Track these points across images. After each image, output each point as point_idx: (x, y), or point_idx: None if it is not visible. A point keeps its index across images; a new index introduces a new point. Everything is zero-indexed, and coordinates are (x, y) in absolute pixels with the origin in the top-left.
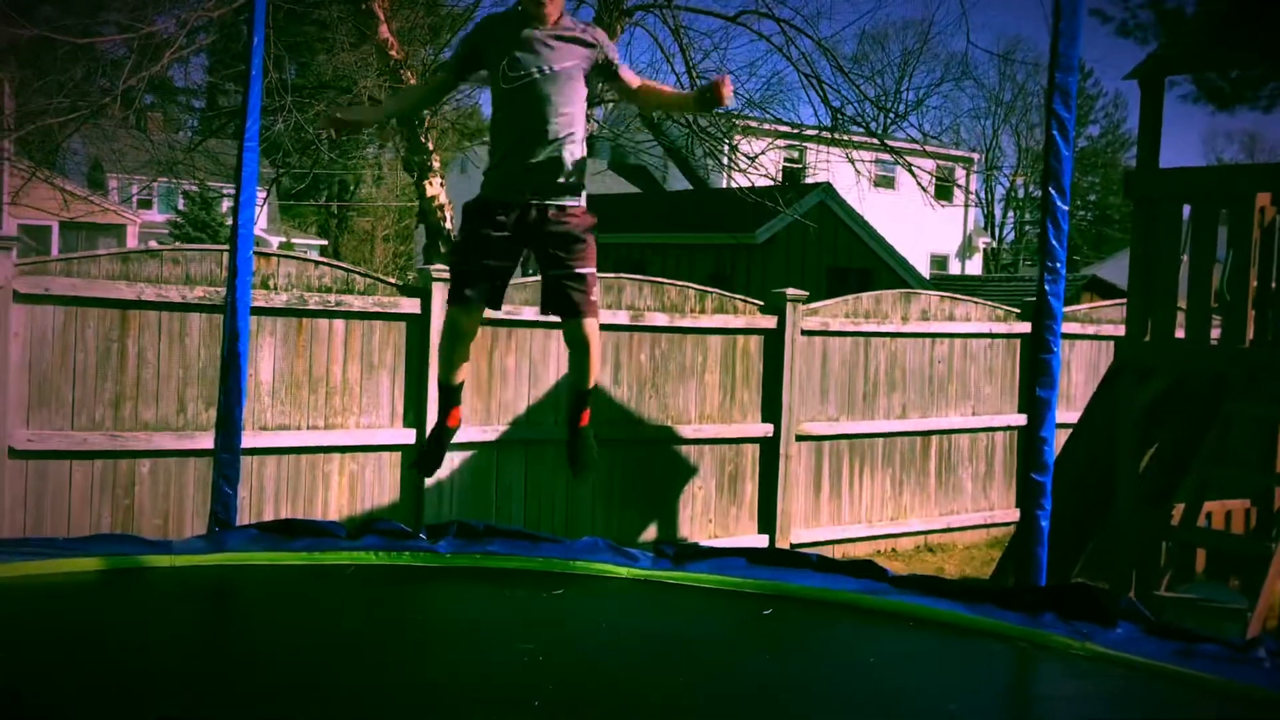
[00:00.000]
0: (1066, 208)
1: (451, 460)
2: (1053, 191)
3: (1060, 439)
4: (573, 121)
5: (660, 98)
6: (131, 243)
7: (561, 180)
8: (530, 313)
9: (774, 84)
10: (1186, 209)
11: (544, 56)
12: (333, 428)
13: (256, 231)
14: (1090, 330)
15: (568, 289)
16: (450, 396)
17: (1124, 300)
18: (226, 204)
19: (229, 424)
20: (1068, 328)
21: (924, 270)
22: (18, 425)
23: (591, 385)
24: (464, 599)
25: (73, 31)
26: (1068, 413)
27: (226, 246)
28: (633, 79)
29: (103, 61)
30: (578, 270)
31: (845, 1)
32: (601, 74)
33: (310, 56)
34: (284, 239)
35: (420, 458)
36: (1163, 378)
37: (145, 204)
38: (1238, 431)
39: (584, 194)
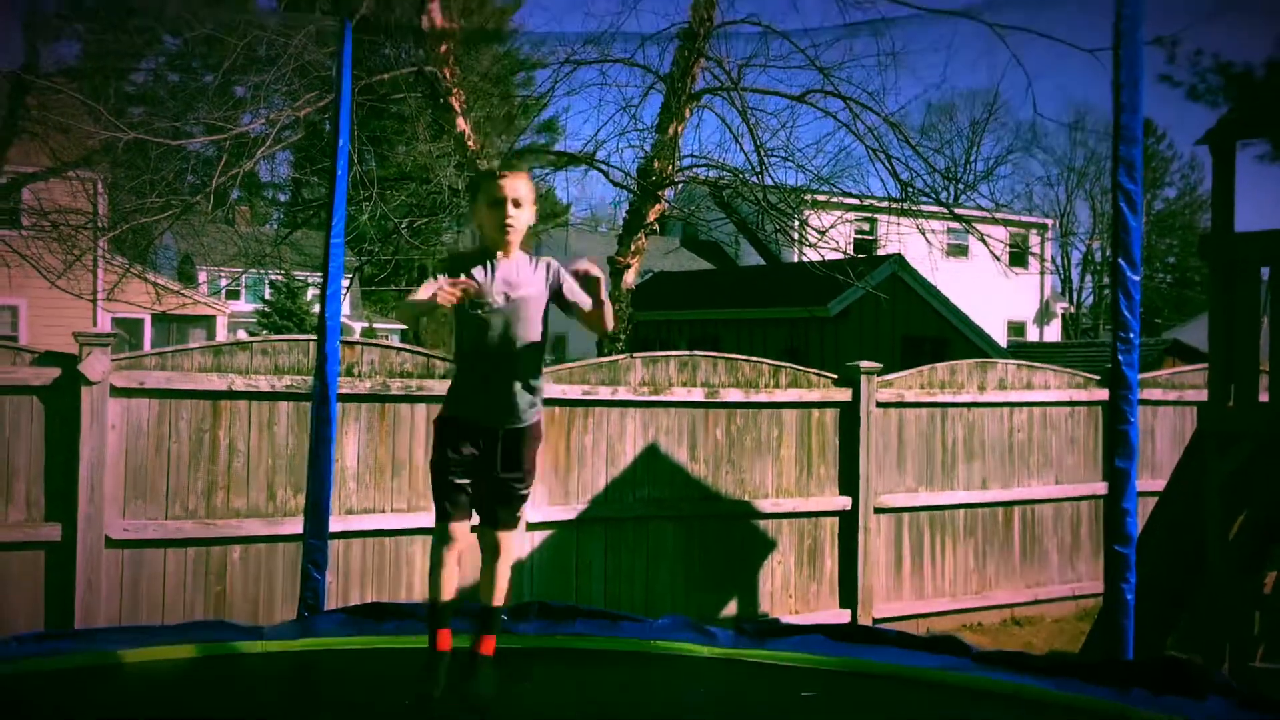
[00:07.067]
0: (1137, 278)
1: (532, 539)
2: (1122, 263)
3: (1146, 507)
4: (534, 350)
5: (581, 310)
6: (220, 333)
7: (521, 409)
8: (606, 392)
9: (842, 159)
10: (1265, 271)
11: (506, 287)
12: (416, 510)
13: (340, 317)
14: (1173, 396)
15: (497, 504)
16: (437, 618)
17: (1206, 365)
18: (312, 292)
19: (317, 510)
20: (1150, 394)
21: (1000, 337)
22: (115, 515)
23: (499, 602)
24: (548, 680)
25: (164, 132)
26: (1153, 481)
27: (313, 336)
28: (584, 305)
29: (193, 160)
30: (510, 491)
31: (910, 76)
32: (555, 298)
33: (390, 148)
34: (366, 324)
35: (418, 685)
36: (1248, 443)
37: (233, 295)
38: None
39: (539, 410)
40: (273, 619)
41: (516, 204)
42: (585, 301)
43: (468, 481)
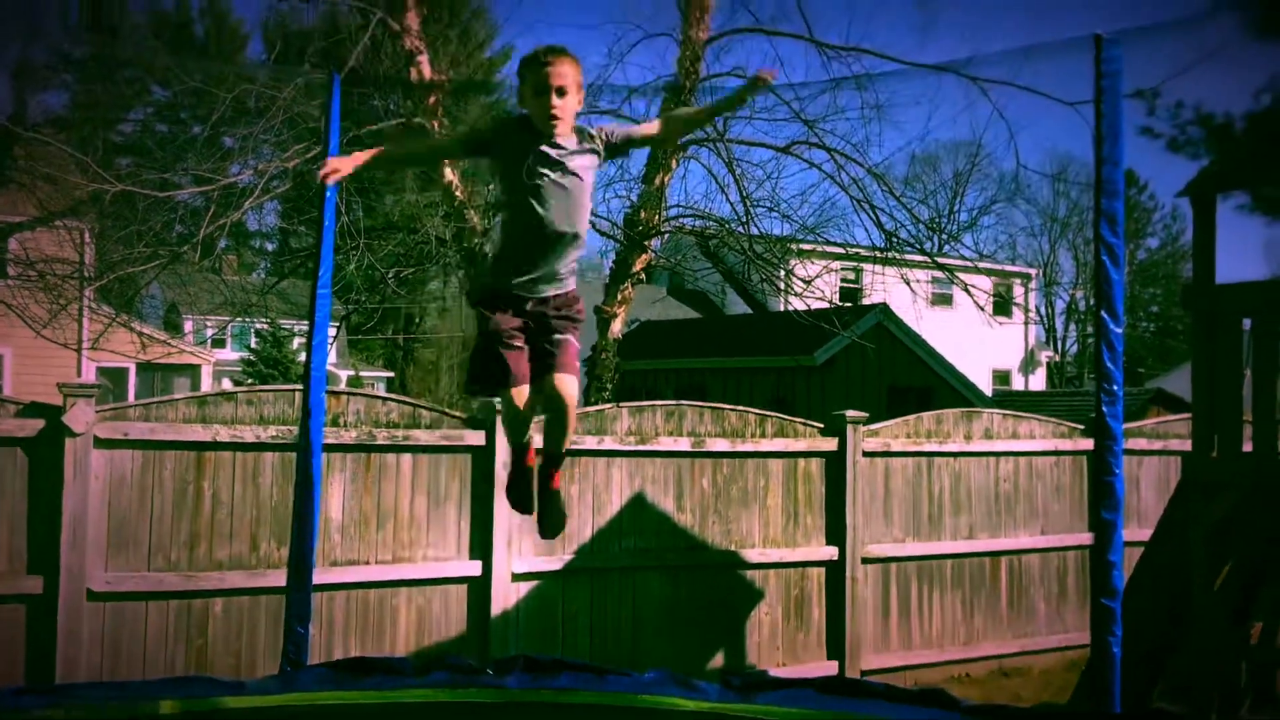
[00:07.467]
0: (1120, 330)
1: (518, 589)
2: (1105, 315)
3: (1132, 557)
4: (578, 225)
5: (691, 119)
6: (206, 381)
7: (560, 278)
8: (592, 441)
9: (827, 209)
10: (1247, 321)
11: (555, 164)
12: (400, 561)
13: (327, 367)
14: (1158, 446)
15: (549, 351)
16: (523, 450)
17: (1190, 415)
18: (298, 341)
19: (301, 563)
20: (1135, 444)
21: (986, 387)
22: (97, 568)
23: (564, 447)
24: None
25: (151, 184)
26: (1139, 530)
27: (299, 386)
28: (651, 128)
29: (180, 210)
30: (559, 337)
31: (894, 128)
32: (621, 151)
33: (378, 198)
34: (352, 373)
35: (513, 500)
36: (1233, 493)
37: (219, 343)
38: None
39: (574, 278)
40: (255, 673)
41: (561, 92)
42: (653, 128)
43: (523, 347)
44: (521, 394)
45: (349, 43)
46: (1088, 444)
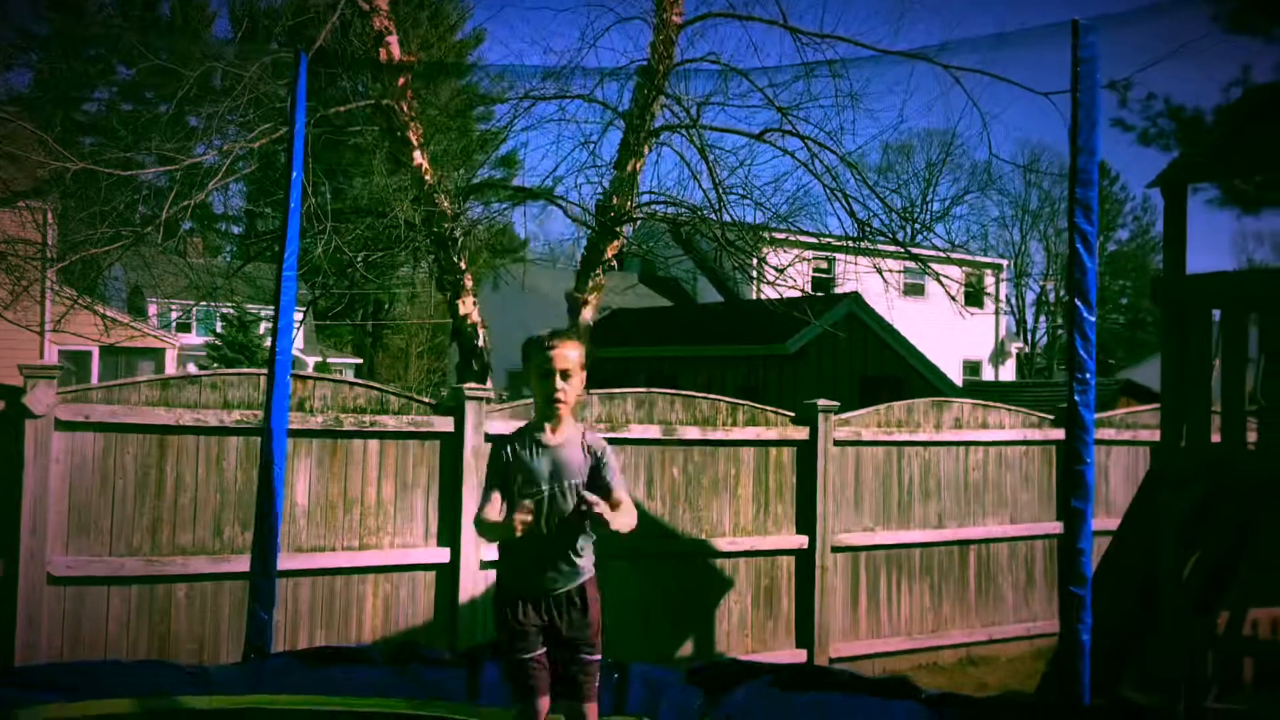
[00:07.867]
0: (1093, 318)
1: (486, 578)
2: (1078, 303)
3: (1100, 546)
4: (580, 533)
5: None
6: (170, 365)
7: (573, 574)
8: None
9: (800, 197)
10: (1216, 312)
11: (555, 470)
12: (367, 548)
13: (293, 352)
14: (1127, 436)
15: (575, 674)
16: None
17: (1159, 405)
18: (264, 325)
19: (265, 549)
20: (1104, 434)
21: (956, 377)
22: (57, 552)
23: None
24: None
25: (114, 162)
26: (1108, 520)
27: (264, 370)
28: (616, 495)
29: (144, 191)
30: (584, 658)
31: (868, 117)
32: (592, 478)
33: (347, 181)
34: (320, 359)
35: None
36: (1201, 483)
37: (184, 327)
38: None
39: (591, 567)
40: (218, 659)
41: (565, 375)
42: (612, 500)
43: (544, 653)
44: (542, 711)
45: (317, 21)
46: (1057, 434)
